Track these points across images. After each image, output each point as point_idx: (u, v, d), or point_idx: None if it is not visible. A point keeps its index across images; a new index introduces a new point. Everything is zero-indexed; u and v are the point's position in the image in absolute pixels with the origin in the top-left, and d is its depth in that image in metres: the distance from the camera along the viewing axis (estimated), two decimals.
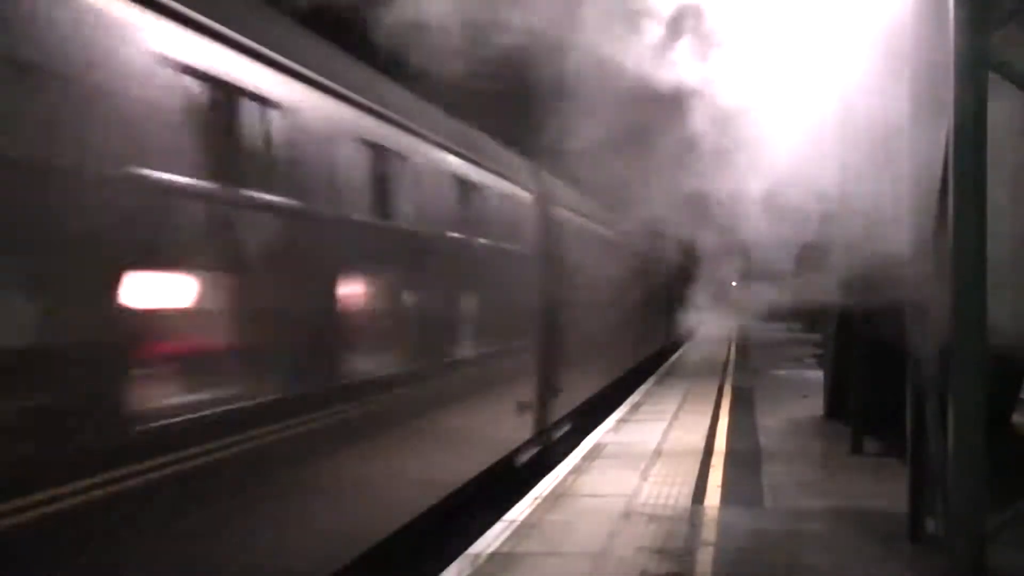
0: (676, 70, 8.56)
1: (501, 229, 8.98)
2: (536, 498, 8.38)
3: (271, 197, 4.75)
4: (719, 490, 8.64)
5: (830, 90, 9.52)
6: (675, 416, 13.53)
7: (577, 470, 9.65)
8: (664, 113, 9.44)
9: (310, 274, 5.19)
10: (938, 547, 6.37)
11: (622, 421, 13.14)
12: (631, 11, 8.64)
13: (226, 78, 4.37)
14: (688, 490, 8.64)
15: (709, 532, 7.20)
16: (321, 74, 5.29)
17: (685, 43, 8.72)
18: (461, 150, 7.95)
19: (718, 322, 27.69)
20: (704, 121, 8.94)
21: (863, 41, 7.19)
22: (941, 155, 5.89)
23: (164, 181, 3.87)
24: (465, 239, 7.91)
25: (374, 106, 6.04)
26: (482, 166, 8.56)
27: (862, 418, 10.36)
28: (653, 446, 10.97)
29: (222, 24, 4.31)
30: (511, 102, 10.83)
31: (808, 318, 32.97)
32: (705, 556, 6.59)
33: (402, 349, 6.57)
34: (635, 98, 9.18)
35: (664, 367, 21.60)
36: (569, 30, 8.12)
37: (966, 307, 5.44)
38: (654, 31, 8.67)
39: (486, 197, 8.56)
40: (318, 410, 5.12)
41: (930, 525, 6.76)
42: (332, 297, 5.48)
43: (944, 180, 5.77)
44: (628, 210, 15.62)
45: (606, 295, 15.51)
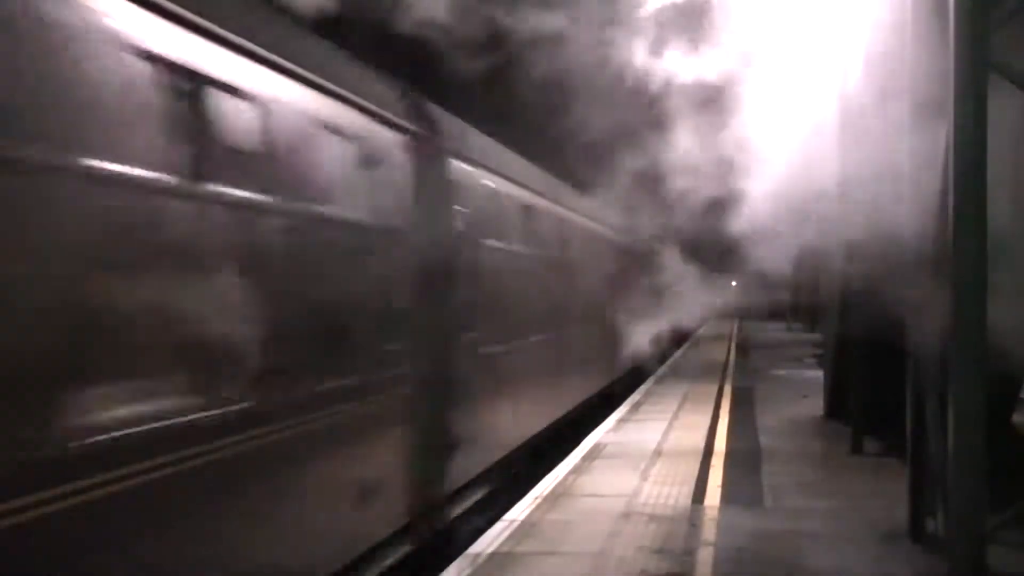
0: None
1: (326, 184, 5.73)
2: (536, 498, 8.38)
3: None
4: (719, 490, 8.64)
5: (830, 91, 9.53)
6: (675, 416, 13.53)
7: (577, 470, 9.65)
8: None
9: None
10: (938, 547, 6.38)
11: (622, 421, 13.15)
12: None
13: None
14: (688, 490, 8.64)
15: (709, 532, 7.20)
16: None
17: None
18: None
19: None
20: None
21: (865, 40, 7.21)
22: (941, 155, 5.89)
23: None
24: (245, 198, 4.76)
25: None
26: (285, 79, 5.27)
27: (862, 418, 10.37)
28: (653, 446, 10.96)
29: None
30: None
31: (808, 318, 32.99)
32: (705, 556, 6.58)
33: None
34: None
35: (664, 367, 21.59)
36: None
37: (966, 307, 5.44)
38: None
39: (287, 128, 5.23)
40: None
41: (930, 525, 6.76)
42: None
43: (944, 180, 5.78)
44: (605, 191, 13.86)
45: (557, 294, 12.35)
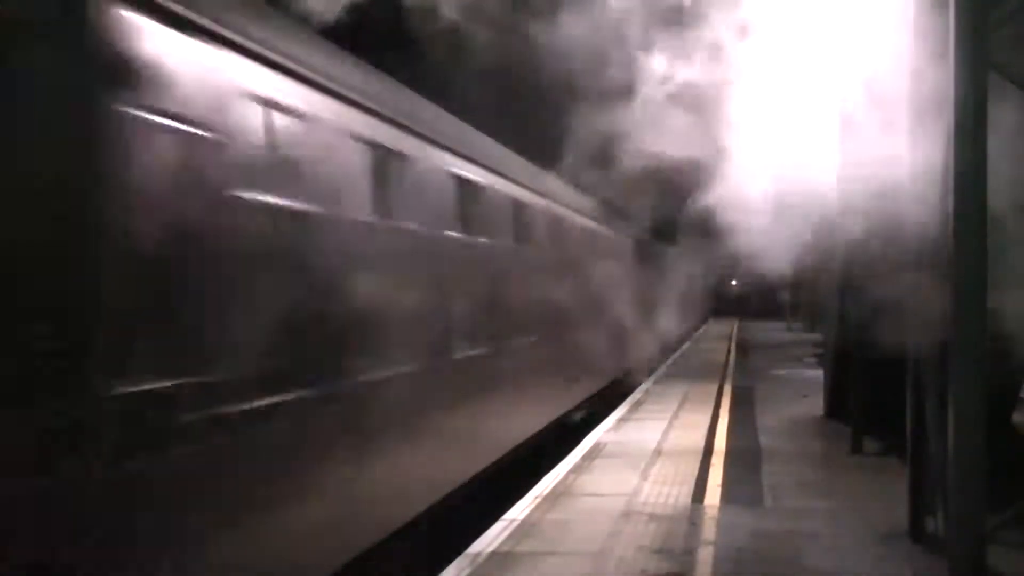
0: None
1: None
2: (536, 497, 8.38)
3: None
4: (719, 489, 8.64)
5: (831, 90, 9.53)
6: (675, 415, 13.53)
7: (577, 469, 9.65)
8: None
9: None
10: (938, 547, 6.38)
11: (622, 420, 13.15)
12: None
13: None
14: (688, 489, 8.64)
15: (709, 531, 7.20)
16: None
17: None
18: None
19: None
20: None
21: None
22: (941, 155, 5.89)
23: None
24: None
25: None
26: None
27: (862, 418, 10.37)
28: (653, 445, 10.96)
29: None
30: None
31: (808, 318, 32.99)
32: (705, 555, 6.58)
33: None
34: None
35: (664, 367, 21.59)
36: None
37: (966, 307, 5.44)
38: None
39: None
40: None
41: (930, 525, 6.76)
42: None
43: (944, 180, 5.78)
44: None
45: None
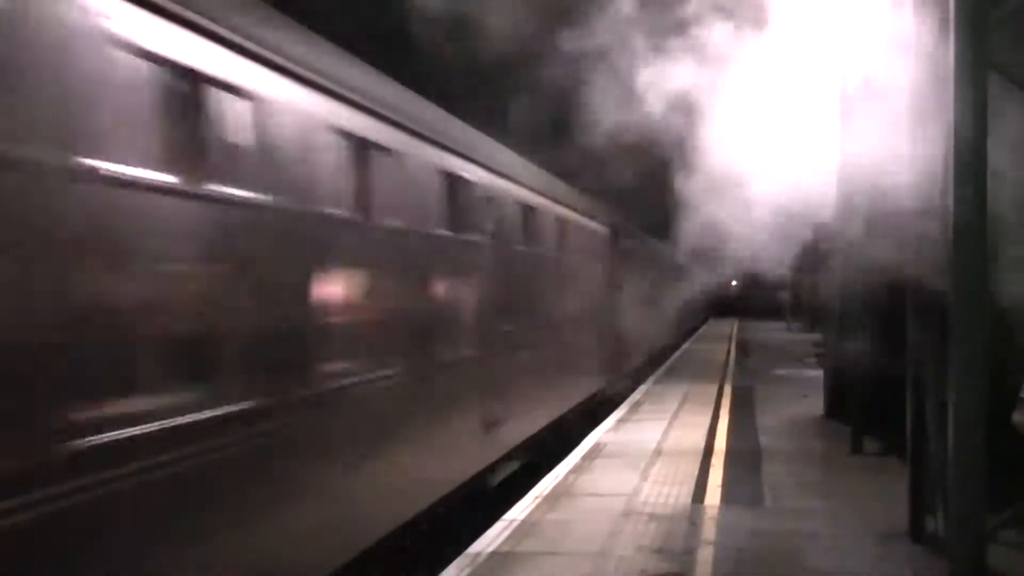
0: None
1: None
2: (536, 497, 8.38)
3: None
4: (719, 489, 8.63)
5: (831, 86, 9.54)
6: (675, 415, 13.52)
7: (577, 469, 9.65)
8: None
9: None
10: (938, 547, 6.38)
11: (622, 420, 13.14)
12: None
13: None
14: (688, 489, 8.64)
15: (709, 531, 7.19)
16: None
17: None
18: None
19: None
20: None
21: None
22: (941, 155, 5.89)
23: None
24: None
25: None
26: None
27: (862, 418, 10.37)
28: (653, 445, 10.96)
29: None
30: None
31: (808, 318, 32.97)
32: (705, 555, 6.58)
33: None
34: None
35: (664, 367, 21.58)
36: None
37: (967, 307, 5.44)
38: None
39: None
40: None
41: (930, 525, 6.76)
42: None
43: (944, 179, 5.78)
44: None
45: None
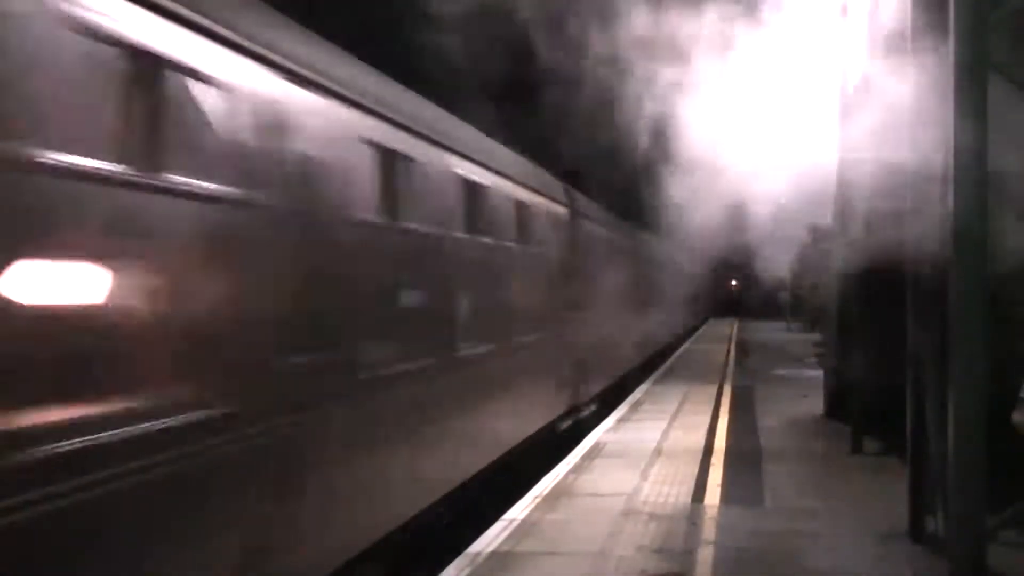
0: None
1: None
2: (536, 497, 8.38)
3: None
4: (719, 489, 8.63)
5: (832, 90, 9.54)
6: (675, 415, 13.52)
7: (577, 469, 9.64)
8: None
9: None
10: (938, 547, 6.38)
11: (622, 420, 13.14)
12: None
13: None
14: (688, 489, 8.64)
15: (709, 531, 7.19)
16: None
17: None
18: None
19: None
20: None
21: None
22: (941, 156, 5.89)
23: None
24: None
25: None
26: None
27: (862, 418, 10.37)
28: (653, 445, 10.96)
29: None
30: None
31: (808, 318, 32.96)
32: (705, 555, 6.58)
33: None
34: None
35: (664, 367, 21.58)
36: None
37: (967, 307, 5.43)
38: None
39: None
40: None
41: (930, 525, 6.76)
42: None
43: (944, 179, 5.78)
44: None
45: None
